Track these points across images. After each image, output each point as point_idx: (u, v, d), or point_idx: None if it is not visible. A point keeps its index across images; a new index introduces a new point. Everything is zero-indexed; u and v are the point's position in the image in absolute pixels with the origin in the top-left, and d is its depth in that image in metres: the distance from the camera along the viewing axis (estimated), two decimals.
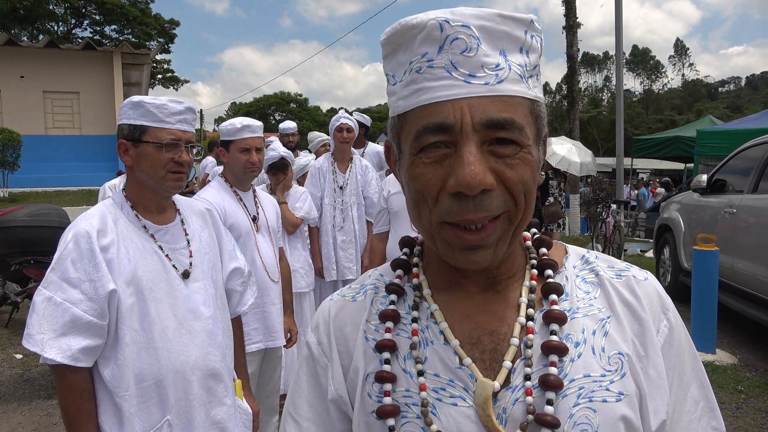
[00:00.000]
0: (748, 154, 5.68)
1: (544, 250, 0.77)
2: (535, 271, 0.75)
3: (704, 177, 6.24)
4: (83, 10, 34.20)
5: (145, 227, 1.72)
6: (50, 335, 1.52)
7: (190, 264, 1.77)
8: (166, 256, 1.72)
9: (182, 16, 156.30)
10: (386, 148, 0.78)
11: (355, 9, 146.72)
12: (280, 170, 3.68)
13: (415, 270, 0.79)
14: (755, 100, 51.75)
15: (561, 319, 0.69)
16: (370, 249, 4.01)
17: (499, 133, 0.64)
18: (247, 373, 2.17)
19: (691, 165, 12.95)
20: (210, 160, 7.90)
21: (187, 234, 1.81)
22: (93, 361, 1.59)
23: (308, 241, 4.12)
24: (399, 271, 0.79)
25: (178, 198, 1.89)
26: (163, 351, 1.64)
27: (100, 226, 1.62)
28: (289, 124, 5.96)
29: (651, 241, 8.69)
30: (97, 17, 34.75)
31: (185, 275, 1.74)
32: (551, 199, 8.73)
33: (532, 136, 0.67)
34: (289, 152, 3.76)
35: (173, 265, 1.72)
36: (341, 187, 4.27)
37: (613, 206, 10.75)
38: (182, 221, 1.83)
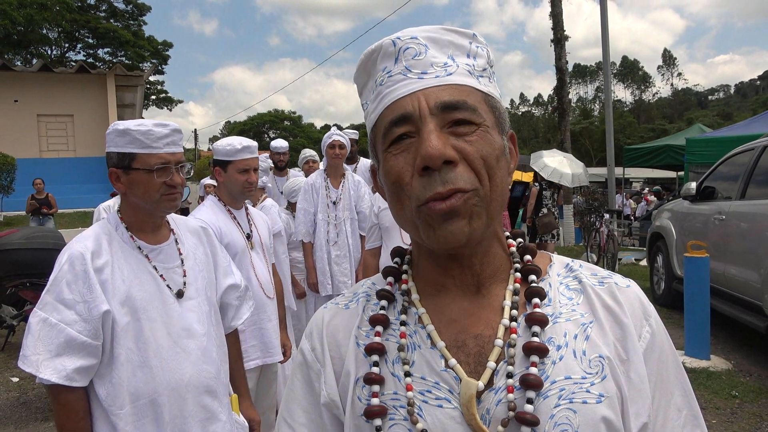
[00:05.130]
0: (735, 161, 5.75)
1: (528, 257, 0.80)
2: (518, 275, 0.77)
3: (693, 185, 6.29)
4: (76, 34, 34.41)
5: (139, 248, 1.75)
6: (45, 356, 1.54)
7: (184, 283, 1.80)
8: (161, 276, 1.75)
9: (173, 37, 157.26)
10: (372, 171, 0.82)
11: (344, 26, 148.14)
12: None
13: (404, 276, 0.82)
14: (744, 107, 52.23)
15: (542, 321, 0.72)
16: (363, 264, 4.04)
17: (454, 114, 0.70)
18: (246, 385, 2.19)
19: (683, 173, 13.06)
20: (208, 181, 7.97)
21: (181, 253, 1.84)
22: (88, 380, 1.61)
23: (295, 256, 4.14)
24: (390, 278, 0.82)
25: (173, 217, 1.92)
26: (158, 369, 1.66)
27: (95, 248, 1.66)
28: (281, 143, 6.11)
29: (645, 249, 8.73)
30: (91, 41, 34.97)
31: (179, 294, 1.76)
32: (545, 210, 8.81)
33: (491, 122, 0.73)
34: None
35: (167, 285, 1.75)
36: (334, 203, 4.31)
37: (606, 215, 10.82)
38: (176, 240, 1.86)
